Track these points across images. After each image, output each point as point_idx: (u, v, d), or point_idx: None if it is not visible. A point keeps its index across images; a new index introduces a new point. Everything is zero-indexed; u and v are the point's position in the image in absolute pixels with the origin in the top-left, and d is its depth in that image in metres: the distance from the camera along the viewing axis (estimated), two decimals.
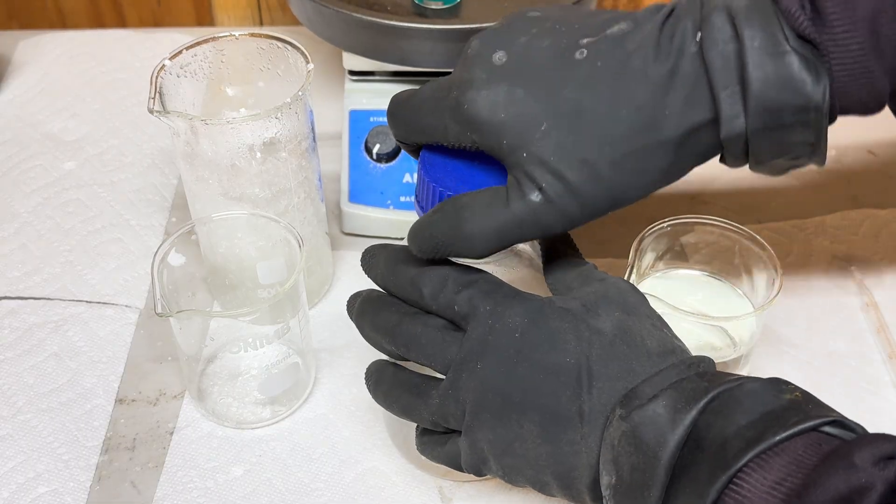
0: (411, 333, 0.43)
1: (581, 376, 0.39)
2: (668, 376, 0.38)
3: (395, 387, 0.45)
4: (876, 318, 0.61)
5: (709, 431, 0.36)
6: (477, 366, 0.41)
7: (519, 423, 0.40)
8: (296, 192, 0.57)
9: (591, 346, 0.40)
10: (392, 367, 0.45)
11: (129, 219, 0.69)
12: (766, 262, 0.53)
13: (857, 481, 0.32)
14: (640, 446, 0.37)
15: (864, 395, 0.57)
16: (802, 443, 0.34)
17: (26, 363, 0.58)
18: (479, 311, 0.42)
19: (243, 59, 0.58)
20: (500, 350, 0.41)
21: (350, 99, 0.67)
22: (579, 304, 0.42)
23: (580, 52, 0.43)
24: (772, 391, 0.37)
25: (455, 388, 0.41)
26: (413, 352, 0.43)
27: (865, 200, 0.71)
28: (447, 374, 0.42)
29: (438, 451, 0.44)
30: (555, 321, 0.41)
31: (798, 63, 0.40)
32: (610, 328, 0.40)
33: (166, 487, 0.52)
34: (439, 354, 0.42)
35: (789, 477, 0.33)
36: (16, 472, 0.53)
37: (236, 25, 0.91)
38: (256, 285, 0.57)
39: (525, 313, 0.41)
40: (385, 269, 0.45)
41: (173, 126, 0.53)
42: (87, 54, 0.84)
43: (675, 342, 0.41)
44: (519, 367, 0.40)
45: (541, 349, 0.40)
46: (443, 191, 0.45)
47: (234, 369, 0.57)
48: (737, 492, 0.34)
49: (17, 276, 0.64)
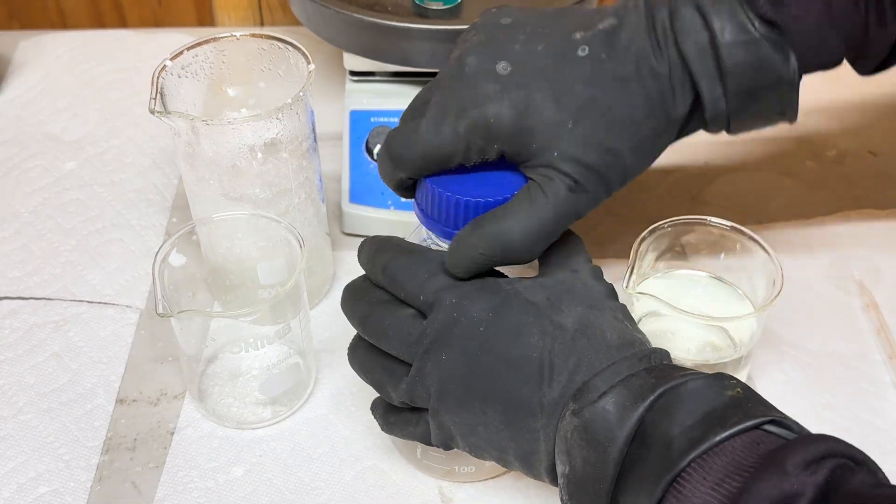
0: (379, 325, 0.45)
1: (543, 369, 0.41)
2: (619, 370, 0.40)
3: (369, 360, 0.46)
4: (876, 318, 0.61)
5: (655, 429, 0.38)
6: (441, 356, 0.42)
7: (482, 410, 0.42)
8: (296, 193, 0.57)
9: (554, 340, 0.42)
10: (366, 345, 0.47)
11: (130, 219, 0.69)
12: (767, 263, 0.53)
13: (788, 488, 0.33)
14: (590, 441, 0.39)
15: (864, 395, 0.57)
16: (741, 443, 0.36)
17: (27, 363, 0.58)
18: (444, 302, 0.43)
19: (244, 59, 0.58)
20: (464, 341, 0.42)
21: (351, 99, 0.67)
22: (544, 298, 0.43)
23: (581, 49, 0.45)
24: (714, 388, 0.38)
25: (421, 375, 0.43)
26: (382, 342, 0.45)
27: (866, 201, 0.71)
28: (413, 363, 0.43)
29: (409, 430, 0.46)
30: (519, 315, 0.42)
31: (766, 46, 0.44)
32: (572, 323, 0.42)
33: (167, 487, 0.52)
34: (405, 346, 0.44)
35: (727, 479, 0.35)
36: (16, 472, 0.53)
37: (237, 26, 0.91)
38: (257, 285, 0.57)
39: (490, 307, 0.43)
40: (367, 254, 0.47)
41: (174, 126, 0.53)
42: (88, 54, 0.84)
43: (635, 334, 0.43)
44: (482, 359, 0.42)
45: (504, 342, 0.42)
46: (468, 200, 0.45)
47: (234, 369, 0.57)
48: (680, 491, 0.36)
49: (18, 277, 0.64)
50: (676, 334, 0.53)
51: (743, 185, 0.72)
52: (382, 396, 0.47)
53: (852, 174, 0.74)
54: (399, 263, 0.45)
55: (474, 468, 0.51)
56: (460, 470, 0.51)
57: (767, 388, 0.57)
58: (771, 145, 0.76)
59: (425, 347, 0.43)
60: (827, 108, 0.80)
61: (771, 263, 0.53)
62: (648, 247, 0.55)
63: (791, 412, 0.56)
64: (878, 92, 0.82)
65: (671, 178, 0.73)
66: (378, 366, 0.46)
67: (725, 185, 0.72)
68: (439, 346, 0.43)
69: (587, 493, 0.39)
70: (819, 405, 0.56)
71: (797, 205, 0.71)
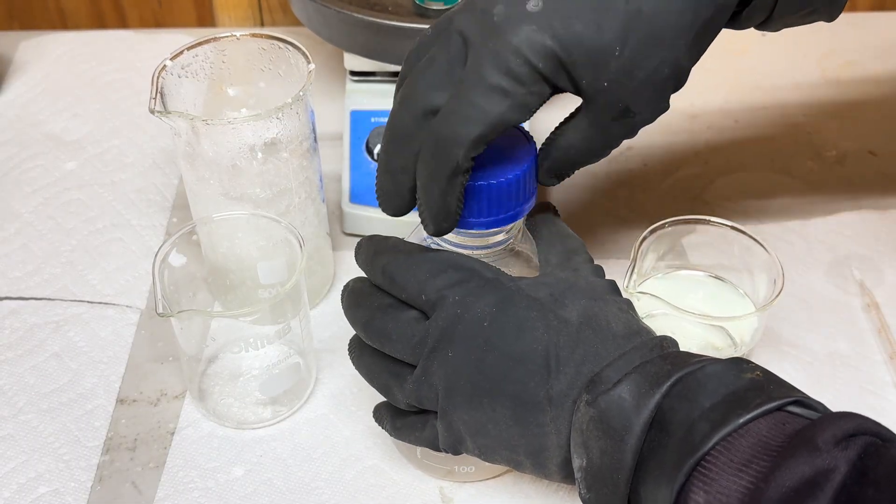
0: (382, 329, 0.44)
1: (549, 362, 0.41)
2: (631, 359, 0.40)
3: (374, 365, 0.46)
4: (877, 318, 0.61)
5: (674, 415, 0.37)
6: (447, 354, 0.42)
7: (491, 406, 0.42)
8: (297, 193, 0.57)
9: (559, 333, 0.41)
10: (369, 349, 0.46)
11: (131, 219, 0.69)
12: (768, 263, 0.53)
13: (821, 464, 0.33)
14: (607, 431, 0.38)
15: (865, 395, 0.57)
16: (766, 424, 0.35)
17: (27, 363, 0.58)
18: (447, 300, 0.43)
19: (244, 59, 0.58)
20: (469, 338, 0.42)
21: (351, 99, 0.67)
22: (547, 294, 0.43)
23: None
24: (733, 371, 0.38)
25: (427, 374, 0.43)
26: (386, 346, 0.44)
27: (866, 201, 0.71)
28: (418, 363, 0.43)
29: (416, 435, 0.46)
30: (523, 310, 0.42)
31: None
32: (576, 317, 0.42)
33: (167, 487, 0.52)
34: (409, 347, 0.43)
35: (755, 459, 0.34)
36: (17, 473, 0.53)
37: (237, 26, 0.91)
38: (257, 285, 0.57)
39: (493, 303, 0.42)
40: (365, 256, 0.46)
41: (174, 126, 0.53)
42: (89, 55, 0.84)
43: (641, 324, 0.43)
44: (488, 356, 0.41)
45: (509, 337, 0.41)
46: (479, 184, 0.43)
47: (235, 369, 0.57)
48: (705, 475, 0.35)
49: (18, 277, 0.64)
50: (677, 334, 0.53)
51: (743, 185, 0.72)
52: (389, 400, 0.46)
53: (852, 174, 0.74)
54: (398, 264, 0.44)
55: (474, 468, 0.51)
56: (460, 470, 0.51)
57: None
58: (771, 145, 0.76)
59: (430, 347, 0.42)
60: (827, 108, 0.80)
61: (771, 263, 0.53)
62: (649, 247, 0.55)
63: None
64: (877, 92, 0.82)
65: (671, 178, 0.73)
66: (384, 370, 0.45)
67: (726, 185, 0.72)
68: (444, 344, 0.42)
69: (606, 483, 0.39)
70: None
71: (797, 205, 0.71)
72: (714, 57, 0.51)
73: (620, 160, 0.73)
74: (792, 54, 0.86)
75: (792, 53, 0.86)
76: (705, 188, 0.72)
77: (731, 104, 0.80)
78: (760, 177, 0.73)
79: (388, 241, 0.46)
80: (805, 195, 0.71)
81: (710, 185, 0.72)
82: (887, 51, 0.87)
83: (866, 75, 0.84)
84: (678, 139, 0.76)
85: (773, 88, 0.82)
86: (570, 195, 0.70)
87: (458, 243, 0.47)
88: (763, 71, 0.84)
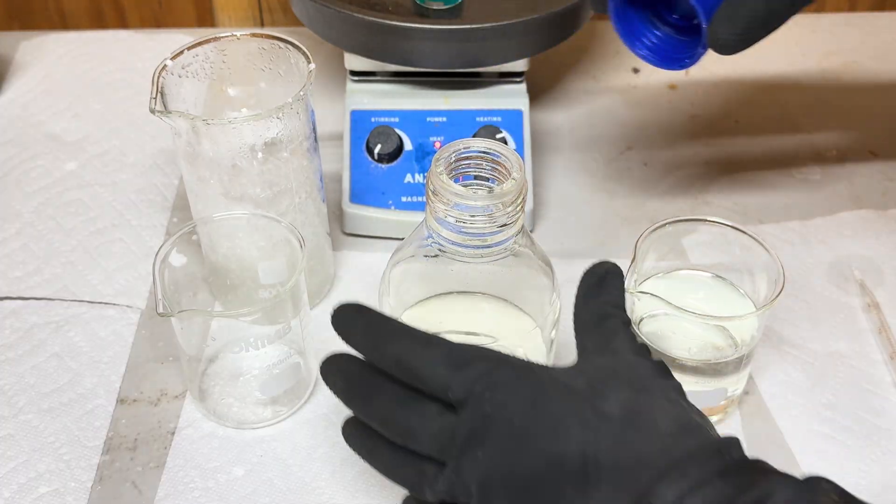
0: (405, 426, 0.40)
1: (587, 466, 0.37)
2: (686, 472, 0.36)
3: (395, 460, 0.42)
4: (877, 318, 0.61)
5: None
6: (478, 454, 0.39)
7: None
8: (297, 193, 0.57)
9: (598, 433, 0.37)
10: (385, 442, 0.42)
11: (131, 219, 0.69)
12: (768, 263, 0.53)
13: None
14: None
15: (865, 395, 0.57)
16: None
17: (28, 363, 0.58)
18: (475, 397, 0.39)
19: (245, 59, 0.58)
20: (501, 439, 0.38)
21: (351, 99, 0.67)
22: (585, 383, 0.39)
23: None
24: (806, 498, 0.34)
25: (459, 474, 0.39)
26: (409, 442, 0.41)
27: (866, 201, 0.71)
28: (448, 463, 0.40)
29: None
30: (556, 404, 0.38)
31: None
32: (618, 411, 0.38)
33: (167, 487, 0.52)
34: (436, 445, 0.40)
35: None
36: (17, 472, 0.53)
37: (237, 26, 0.91)
38: (257, 285, 0.57)
39: (525, 397, 0.39)
40: (365, 341, 0.42)
41: (175, 126, 0.53)
42: (89, 55, 0.84)
43: (692, 416, 0.39)
44: (522, 457, 0.38)
45: (543, 437, 0.38)
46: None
47: (235, 369, 0.57)
48: None
49: (19, 277, 0.64)
50: (678, 334, 0.53)
51: (743, 185, 0.72)
52: (415, 496, 0.42)
53: (852, 174, 0.74)
54: (417, 357, 0.40)
55: None
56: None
57: (768, 388, 0.57)
58: (771, 145, 0.76)
59: (460, 447, 0.39)
60: (827, 108, 0.81)
61: (772, 263, 0.53)
62: (649, 246, 0.55)
63: (792, 412, 0.56)
64: (878, 92, 0.82)
65: (672, 178, 0.73)
66: (408, 466, 0.41)
67: (726, 185, 0.72)
68: (475, 444, 0.38)
69: None
70: (820, 405, 0.56)
71: (797, 205, 0.71)
72: (714, 57, 0.51)
73: (620, 160, 0.73)
74: (792, 54, 0.86)
75: (792, 53, 0.86)
76: (705, 188, 0.72)
77: (731, 104, 0.80)
78: (760, 177, 0.73)
79: (389, 323, 0.42)
80: (805, 195, 0.72)
81: (710, 185, 0.72)
82: (887, 51, 0.87)
83: (866, 75, 0.84)
84: (678, 139, 0.76)
85: (773, 88, 0.82)
86: (571, 195, 0.70)
87: (458, 243, 0.47)
88: (763, 71, 0.84)
